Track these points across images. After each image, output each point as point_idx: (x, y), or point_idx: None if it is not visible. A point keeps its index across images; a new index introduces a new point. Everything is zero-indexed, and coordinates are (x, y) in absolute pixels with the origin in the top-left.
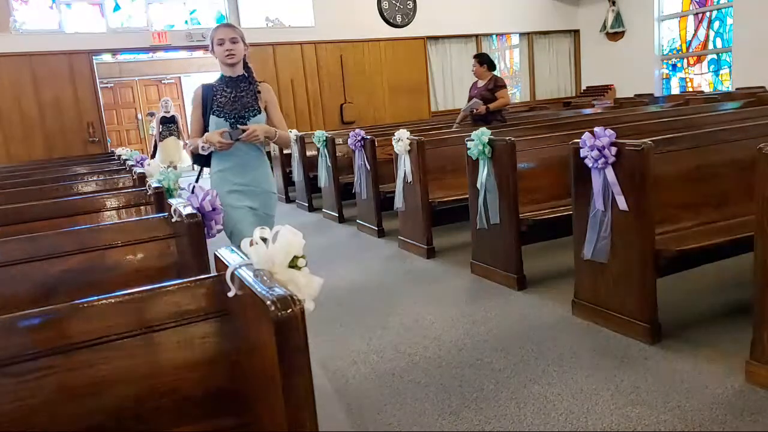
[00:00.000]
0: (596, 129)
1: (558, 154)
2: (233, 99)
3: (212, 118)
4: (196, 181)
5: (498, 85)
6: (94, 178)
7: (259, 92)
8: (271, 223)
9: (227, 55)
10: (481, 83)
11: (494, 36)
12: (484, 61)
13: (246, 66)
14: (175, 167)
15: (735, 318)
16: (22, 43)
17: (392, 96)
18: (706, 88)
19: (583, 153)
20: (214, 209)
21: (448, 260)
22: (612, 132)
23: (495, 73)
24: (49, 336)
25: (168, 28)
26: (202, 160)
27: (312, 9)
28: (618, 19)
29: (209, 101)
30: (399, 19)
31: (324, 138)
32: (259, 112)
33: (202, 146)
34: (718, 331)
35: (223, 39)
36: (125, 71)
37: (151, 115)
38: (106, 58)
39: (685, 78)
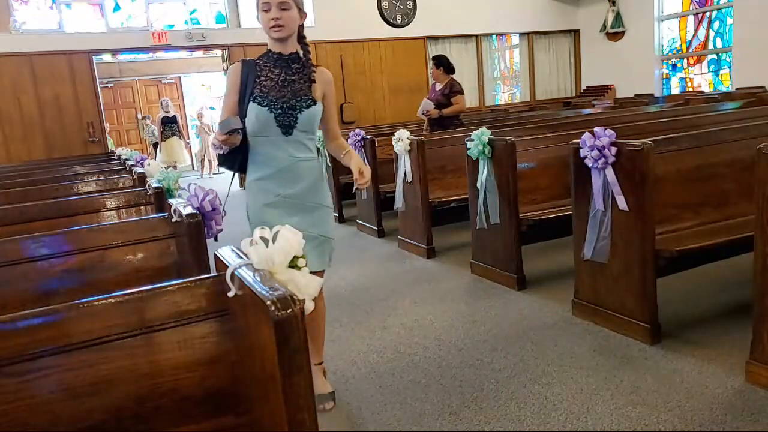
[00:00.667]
0: (596, 129)
1: (558, 154)
2: (282, 83)
3: (252, 107)
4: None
5: (454, 90)
6: (94, 178)
7: (314, 81)
8: (329, 249)
9: (273, 27)
10: (438, 86)
11: (494, 36)
12: (441, 63)
13: (302, 40)
14: (175, 167)
15: (735, 318)
16: (22, 43)
17: (392, 96)
18: (706, 88)
19: (583, 153)
20: (214, 209)
21: (448, 260)
22: (612, 132)
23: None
24: (49, 336)
25: (168, 28)
26: (230, 161)
27: (312, 9)
28: (618, 19)
29: (250, 83)
30: (399, 19)
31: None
32: (314, 103)
33: (213, 143)
34: (718, 331)
35: (269, 3)
36: (125, 71)
37: (145, 118)
38: (106, 58)
39: (685, 78)
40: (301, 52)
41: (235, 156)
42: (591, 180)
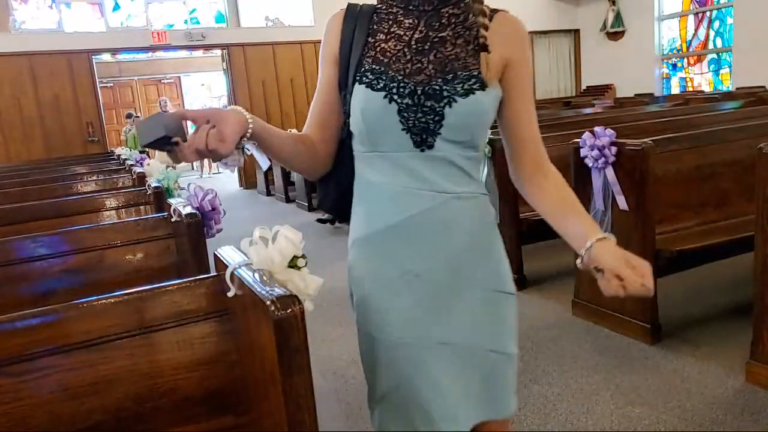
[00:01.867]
0: (596, 128)
1: (558, 153)
2: (417, 44)
3: (358, 92)
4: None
5: None
6: (94, 177)
7: (484, 42)
8: (513, 376)
9: None
10: None
11: None
12: None
13: None
14: (174, 167)
15: (735, 318)
16: (21, 42)
17: None
18: (707, 88)
19: (583, 153)
20: (213, 209)
21: None
22: (612, 131)
23: None
24: (48, 336)
25: (167, 28)
26: (329, 194)
27: (312, 9)
28: (618, 18)
29: (357, 47)
30: None
31: None
32: (481, 88)
33: (225, 161)
34: (718, 331)
35: None
36: (125, 71)
37: (129, 117)
38: (106, 57)
39: (686, 78)
40: None
41: (327, 184)
42: (591, 180)
